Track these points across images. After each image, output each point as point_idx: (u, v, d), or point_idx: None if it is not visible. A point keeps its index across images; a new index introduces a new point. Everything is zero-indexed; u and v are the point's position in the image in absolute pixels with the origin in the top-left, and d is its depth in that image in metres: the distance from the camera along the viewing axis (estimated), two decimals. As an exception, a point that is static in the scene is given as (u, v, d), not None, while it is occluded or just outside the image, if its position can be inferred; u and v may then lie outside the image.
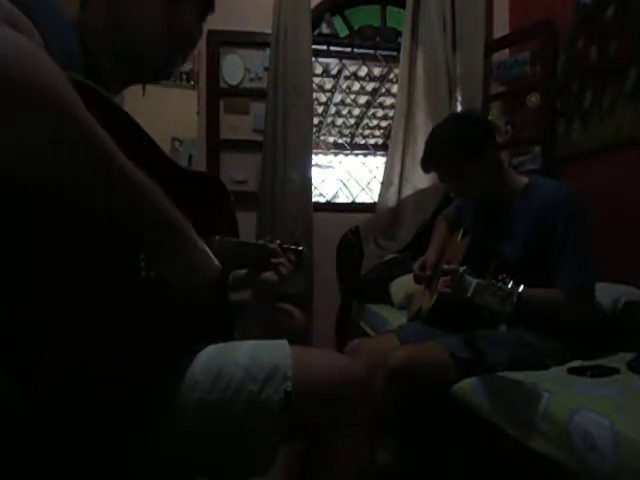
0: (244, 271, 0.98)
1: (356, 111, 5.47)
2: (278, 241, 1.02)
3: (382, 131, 5.81)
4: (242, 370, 0.68)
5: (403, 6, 2.73)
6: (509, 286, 0.98)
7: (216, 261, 0.67)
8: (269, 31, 2.56)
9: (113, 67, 0.72)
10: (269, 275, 0.96)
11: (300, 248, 1.06)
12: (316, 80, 3.72)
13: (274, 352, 0.72)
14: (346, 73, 4.19)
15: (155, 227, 0.55)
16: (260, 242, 0.99)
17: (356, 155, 4.01)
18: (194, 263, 0.62)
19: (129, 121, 0.62)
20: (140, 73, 0.78)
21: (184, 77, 2.53)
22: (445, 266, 1.20)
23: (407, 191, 2.70)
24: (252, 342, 0.76)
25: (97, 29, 0.69)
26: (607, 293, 1.51)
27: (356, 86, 4.71)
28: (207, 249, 0.65)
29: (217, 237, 0.78)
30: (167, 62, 0.76)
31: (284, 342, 0.75)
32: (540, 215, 1.30)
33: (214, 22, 1.38)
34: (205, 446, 0.66)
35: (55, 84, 0.43)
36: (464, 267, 1.07)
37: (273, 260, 0.96)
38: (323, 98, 4.99)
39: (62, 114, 0.43)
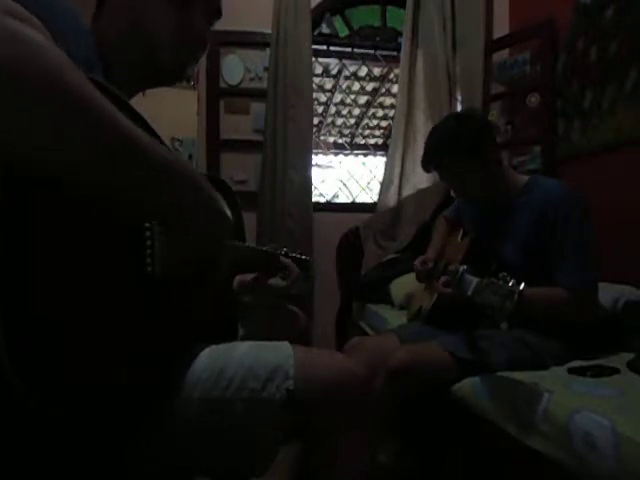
0: (249, 276, 0.99)
1: (356, 111, 5.48)
2: (285, 249, 1.02)
3: (382, 131, 5.82)
4: (244, 369, 0.68)
5: (403, 6, 2.73)
6: (510, 284, 0.98)
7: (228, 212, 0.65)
8: (269, 31, 2.56)
9: (128, 76, 0.73)
10: (273, 282, 0.97)
11: (306, 258, 1.06)
12: (316, 80, 3.72)
13: (276, 352, 0.72)
14: (346, 73, 4.20)
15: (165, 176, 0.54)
16: (266, 248, 0.99)
17: (356, 155, 4.02)
18: (215, 203, 0.60)
19: (148, 127, 0.63)
20: (154, 80, 0.79)
21: (184, 77, 2.54)
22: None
23: (407, 191, 2.71)
24: (254, 342, 0.76)
25: (112, 40, 0.71)
26: (607, 293, 1.51)
27: (356, 86, 4.72)
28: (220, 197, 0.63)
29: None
30: (181, 67, 0.78)
31: (286, 343, 0.75)
32: (540, 214, 1.30)
33: (214, 22, 1.38)
34: (206, 445, 0.66)
35: (59, 66, 0.43)
36: (464, 267, 1.07)
37: (278, 267, 0.97)
38: (323, 98, 5.00)
39: (69, 95, 0.43)
